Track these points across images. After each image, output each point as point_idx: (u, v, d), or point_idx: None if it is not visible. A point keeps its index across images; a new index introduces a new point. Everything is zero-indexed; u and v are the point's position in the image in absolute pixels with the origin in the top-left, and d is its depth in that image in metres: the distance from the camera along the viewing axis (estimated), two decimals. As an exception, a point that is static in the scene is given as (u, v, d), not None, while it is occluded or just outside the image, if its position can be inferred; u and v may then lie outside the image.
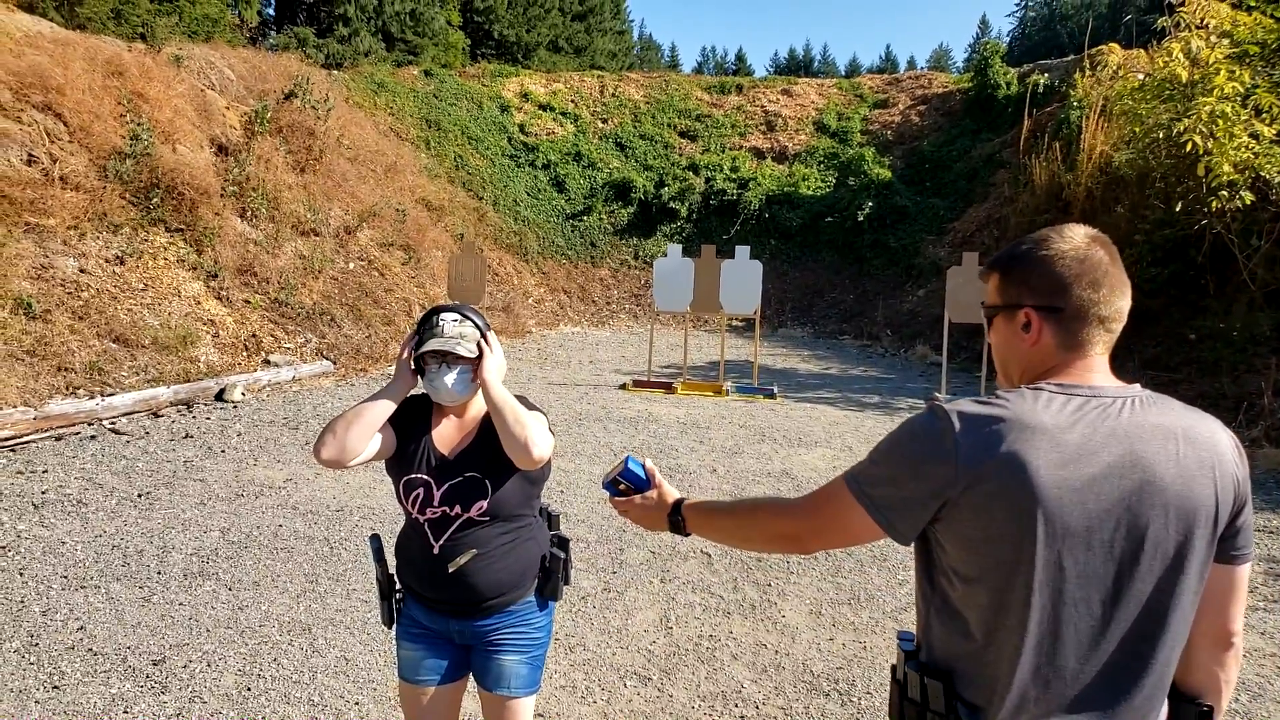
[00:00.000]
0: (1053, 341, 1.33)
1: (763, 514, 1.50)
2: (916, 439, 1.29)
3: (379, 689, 3.45)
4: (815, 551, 1.52)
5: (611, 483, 1.75)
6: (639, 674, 3.64)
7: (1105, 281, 1.30)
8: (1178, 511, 1.22)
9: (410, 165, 17.68)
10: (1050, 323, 1.32)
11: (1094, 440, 1.21)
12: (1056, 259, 1.31)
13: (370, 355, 11.33)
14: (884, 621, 4.22)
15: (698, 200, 20.68)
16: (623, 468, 1.73)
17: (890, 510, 1.29)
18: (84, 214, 9.46)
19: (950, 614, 1.31)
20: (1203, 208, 9.79)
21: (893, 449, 1.32)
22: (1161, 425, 1.25)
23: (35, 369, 7.59)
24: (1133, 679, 1.25)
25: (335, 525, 5.36)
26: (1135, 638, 1.24)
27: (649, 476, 1.73)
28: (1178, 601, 1.24)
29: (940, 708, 1.30)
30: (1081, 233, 1.34)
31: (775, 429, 8.60)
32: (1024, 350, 1.36)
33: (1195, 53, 9.97)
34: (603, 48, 37.27)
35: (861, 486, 1.33)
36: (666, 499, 1.70)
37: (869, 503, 1.31)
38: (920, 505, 1.27)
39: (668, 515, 1.67)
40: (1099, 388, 1.28)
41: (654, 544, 5.19)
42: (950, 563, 1.29)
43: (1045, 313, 1.32)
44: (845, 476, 1.36)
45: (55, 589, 4.28)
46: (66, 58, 10.73)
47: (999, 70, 21.17)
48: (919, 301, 16.46)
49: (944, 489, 1.23)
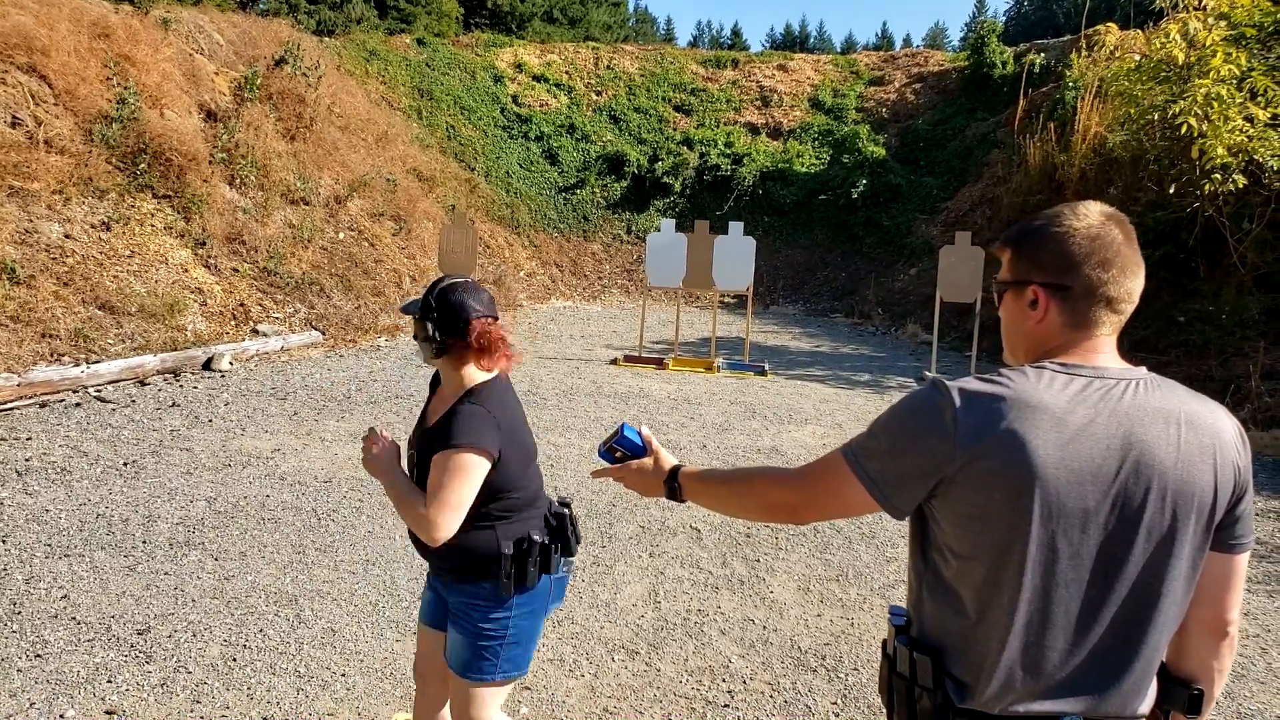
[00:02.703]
0: (1059, 320, 1.31)
1: (759, 483, 1.49)
2: (916, 414, 1.28)
3: (365, 660, 3.44)
4: (810, 522, 1.52)
5: (608, 450, 1.73)
6: (627, 648, 3.65)
7: (1116, 261, 1.28)
8: (1175, 496, 1.21)
9: (402, 135, 17.49)
10: (1057, 301, 1.31)
11: (1095, 422, 1.20)
12: (1068, 236, 1.29)
13: (359, 326, 11.26)
14: (872, 598, 4.24)
15: (691, 175, 20.55)
16: (619, 434, 1.72)
17: (886, 484, 1.29)
18: (69, 178, 9.32)
19: (943, 590, 1.30)
20: (1195, 190, 9.78)
21: (891, 422, 1.31)
22: (1164, 409, 1.23)
23: (19, 335, 7.51)
24: (1122, 663, 1.24)
25: (323, 496, 5.34)
26: (1125, 621, 1.23)
27: (645, 443, 1.72)
28: (1169, 587, 1.23)
29: (928, 682, 1.30)
30: (1096, 210, 1.32)
31: (766, 406, 8.60)
32: (1030, 327, 1.35)
33: (1192, 34, 9.92)
34: (598, 19, 36.92)
35: (859, 459, 1.32)
36: (664, 465, 1.68)
37: (865, 476, 1.30)
38: (917, 480, 1.26)
39: (664, 481, 1.66)
40: (1103, 369, 1.27)
41: (643, 518, 5.19)
42: (945, 539, 1.28)
43: (1053, 290, 1.31)
44: (843, 449, 1.35)
45: (39, 557, 4.25)
46: (52, 18, 10.53)
47: (995, 49, 21.04)
48: (910, 280, 16.46)
49: (941, 465, 1.23)
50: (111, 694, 3.14)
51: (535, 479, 2.31)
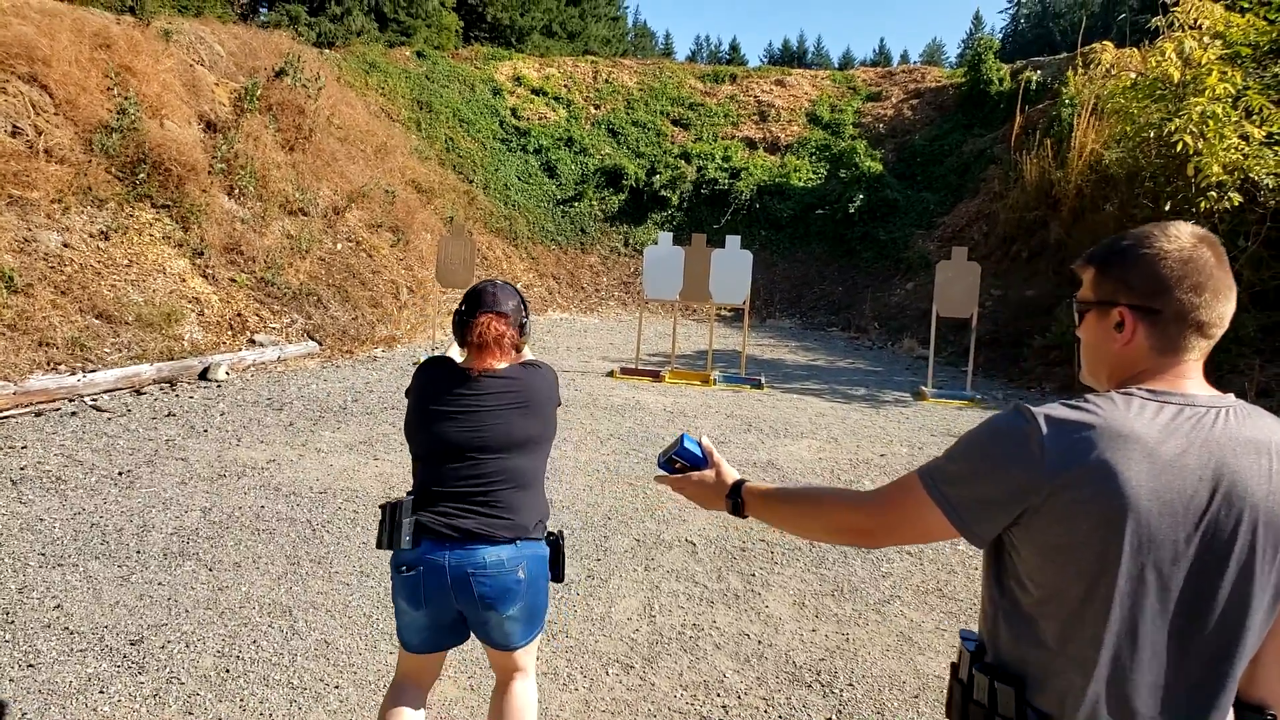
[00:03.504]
0: (1147, 344, 1.28)
1: (829, 506, 1.47)
2: (999, 439, 1.25)
3: (359, 672, 3.43)
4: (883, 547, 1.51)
5: (668, 461, 1.73)
6: (621, 662, 3.64)
7: (1209, 285, 1.25)
8: (1265, 528, 1.19)
9: (400, 146, 17.54)
10: (1146, 324, 1.28)
11: (1188, 453, 1.18)
12: (1159, 259, 1.26)
13: (356, 337, 11.26)
14: (867, 614, 4.23)
15: (689, 189, 20.61)
16: (679, 445, 1.71)
17: (966, 510, 1.26)
18: (68, 188, 9.34)
19: (1021, 620, 1.27)
20: (1191, 208, 9.82)
21: (972, 447, 1.28)
22: (1255, 439, 1.21)
23: (16, 343, 7.50)
24: (1209, 697, 1.22)
25: (318, 507, 5.32)
26: (1213, 655, 1.21)
27: (706, 454, 1.71)
28: (1253, 619, 1.21)
29: (1010, 713, 1.27)
30: (1188, 232, 1.29)
31: (761, 419, 8.61)
32: (1114, 350, 1.32)
33: (1188, 53, 9.99)
34: (597, 33, 37.10)
35: (937, 484, 1.29)
36: (726, 479, 1.67)
37: (944, 501, 1.27)
38: (999, 508, 1.23)
39: (726, 496, 1.65)
40: (1192, 396, 1.25)
41: (638, 532, 5.18)
42: (1025, 569, 1.25)
43: (1141, 313, 1.28)
44: (919, 472, 1.32)
45: (32, 566, 4.23)
46: (53, 28, 10.56)
47: (992, 66, 21.17)
48: (907, 295, 16.49)
49: (1026, 494, 1.20)
50: (104, 704, 3.12)
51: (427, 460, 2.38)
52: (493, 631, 2.37)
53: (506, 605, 2.32)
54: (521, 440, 2.38)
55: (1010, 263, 14.78)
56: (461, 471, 2.32)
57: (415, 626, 2.37)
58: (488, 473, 2.33)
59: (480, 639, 2.43)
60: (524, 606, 2.36)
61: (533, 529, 2.39)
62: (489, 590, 2.28)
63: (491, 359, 2.40)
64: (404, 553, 2.30)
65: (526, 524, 2.37)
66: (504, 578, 2.30)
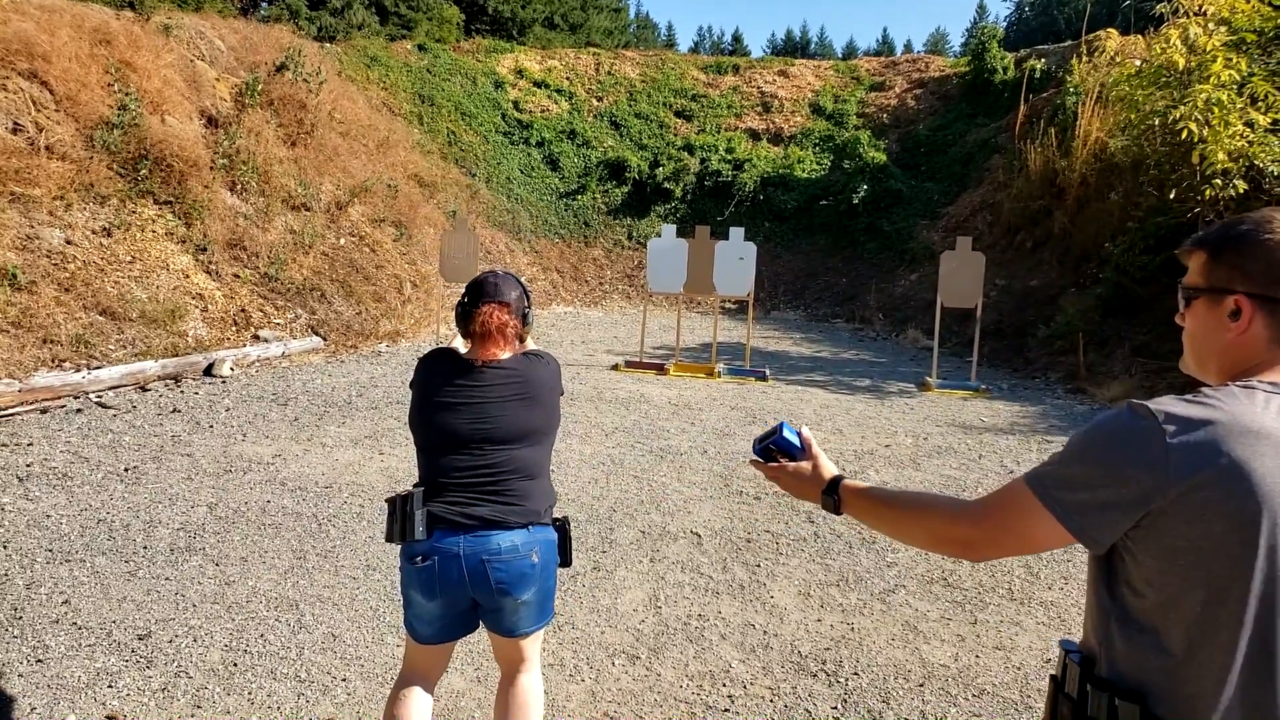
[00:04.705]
0: (1265, 334, 1.23)
1: (931, 515, 1.42)
2: (1117, 440, 1.19)
3: (366, 665, 3.44)
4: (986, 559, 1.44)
5: (764, 449, 1.67)
6: (627, 653, 3.64)
7: None
8: None
9: (403, 140, 17.52)
10: (1264, 314, 1.22)
11: None
12: None
13: (361, 332, 11.27)
14: (872, 603, 4.23)
15: (692, 181, 20.57)
16: (777, 434, 1.65)
17: (1083, 516, 1.20)
18: (70, 184, 9.35)
19: (1137, 627, 1.22)
20: (1196, 196, 9.79)
21: (1088, 450, 1.22)
22: None
23: (20, 341, 7.52)
24: None
25: (323, 502, 5.33)
26: None
27: (805, 445, 1.65)
28: None
29: None
30: None
31: (767, 411, 8.60)
32: (1227, 340, 1.27)
33: (1193, 40, 9.93)
34: (598, 25, 36.99)
35: (1049, 490, 1.23)
36: (823, 474, 1.62)
37: (1058, 508, 1.21)
38: (1121, 512, 1.18)
39: (823, 491, 1.60)
40: None
41: (644, 524, 5.18)
42: (1142, 573, 1.20)
43: (1261, 302, 1.22)
44: (1028, 479, 1.26)
45: (40, 562, 4.25)
46: (53, 24, 10.56)
47: (996, 55, 21.06)
48: (911, 286, 16.46)
49: (1150, 497, 1.15)
50: (112, 699, 3.13)
51: (433, 452, 2.39)
52: (505, 618, 2.38)
53: (522, 590, 2.33)
54: (527, 431, 2.38)
55: (1015, 252, 14.73)
56: (469, 462, 2.33)
57: (428, 617, 2.38)
58: (496, 463, 2.34)
59: (490, 627, 2.43)
60: (538, 590, 2.37)
61: (543, 514, 2.41)
62: (505, 576, 2.29)
63: (494, 349, 2.41)
64: (417, 543, 2.30)
65: (538, 509, 2.39)
66: (519, 563, 2.31)
